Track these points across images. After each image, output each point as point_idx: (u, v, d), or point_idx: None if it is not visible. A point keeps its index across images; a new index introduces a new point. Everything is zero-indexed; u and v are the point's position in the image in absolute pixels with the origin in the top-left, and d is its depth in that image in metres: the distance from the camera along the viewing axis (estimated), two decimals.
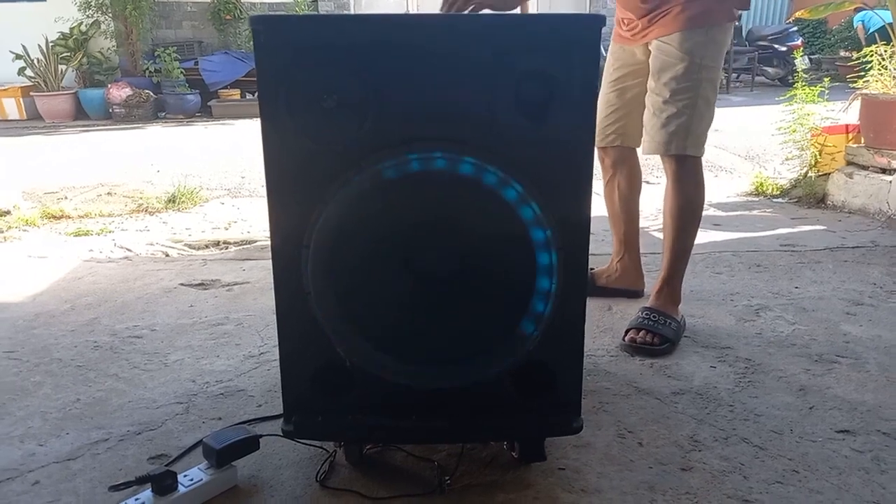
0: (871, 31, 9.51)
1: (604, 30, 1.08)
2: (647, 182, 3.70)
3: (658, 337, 1.83)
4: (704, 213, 2.98)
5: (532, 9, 9.33)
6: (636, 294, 2.20)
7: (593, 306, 2.09)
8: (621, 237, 2.19)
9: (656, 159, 1.92)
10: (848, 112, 3.63)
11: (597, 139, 2.06)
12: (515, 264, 1.14)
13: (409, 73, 1.09)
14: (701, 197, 1.92)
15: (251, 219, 3.47)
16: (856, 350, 1.82)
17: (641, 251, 2.23)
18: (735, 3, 1.81)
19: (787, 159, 3.90)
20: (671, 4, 1.79)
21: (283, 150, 1.11)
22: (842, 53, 9.92)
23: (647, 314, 1.88)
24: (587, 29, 1.07)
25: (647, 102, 1.89)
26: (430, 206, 1.13)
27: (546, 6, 9.46)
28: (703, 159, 1.91)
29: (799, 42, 9.86)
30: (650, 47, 1.87)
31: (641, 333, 1.84)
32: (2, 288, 2.39)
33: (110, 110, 7.86)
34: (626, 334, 1.87)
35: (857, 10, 9.06)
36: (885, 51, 3.40)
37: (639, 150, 2.06)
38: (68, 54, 8.18)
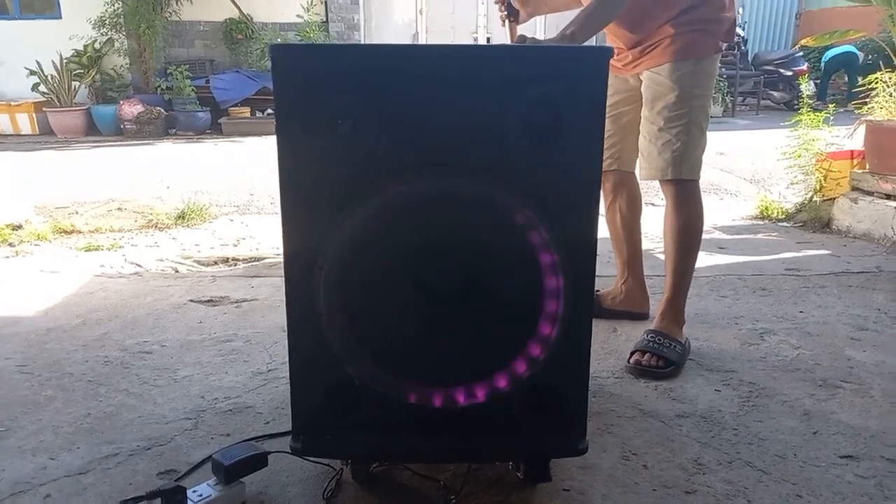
0: (828, 57, 9.69)
1: None
2: (653, 204, 3.73)
3: (662, 360, 1.84)
4: (709, 236, 3.01)
5: (539, 32, 9.45)
6: (641, 316, 2.21)
7: (598, 328, 2.10)
8: (625, 260, 2.21)
9: (657, 182, 1.97)
10: (853, 138, 3.66)
11: None
12: (523, 287, 1.17)
13: (422, 99, 1.12)
14: (700, 219, 1.95)
15: (259, 236, 3.50)
16: (860, 375, 1.83)
17: (646, 273, 2.26)
18: (720, 36, 1.88)
19: (792, 183, 3.93)
20: (660, 37, 1.85)
21: (298, 172, 1.14)
22: (846, 79, 9.99)
23: (651, 337, 1.90)
24: (595, 60, 1.10)
25: (643, 130, 1.94)
26: (441, 230, 1.15)
27: (553, 30, 9.56)
28: (709, 182, 1.97)
29: (804, 67, 9.93)
30: (641, 77, 1.93)
31: (646, 356, 1.85)
32: (14, 302, 2.43)
33: (122, 126, 7.95)
34: (630, 356, 1.88)
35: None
36: (890, 78, 3.43)
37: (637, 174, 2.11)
38: (81, 71, 8.30)
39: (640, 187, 2.19)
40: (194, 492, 1.22)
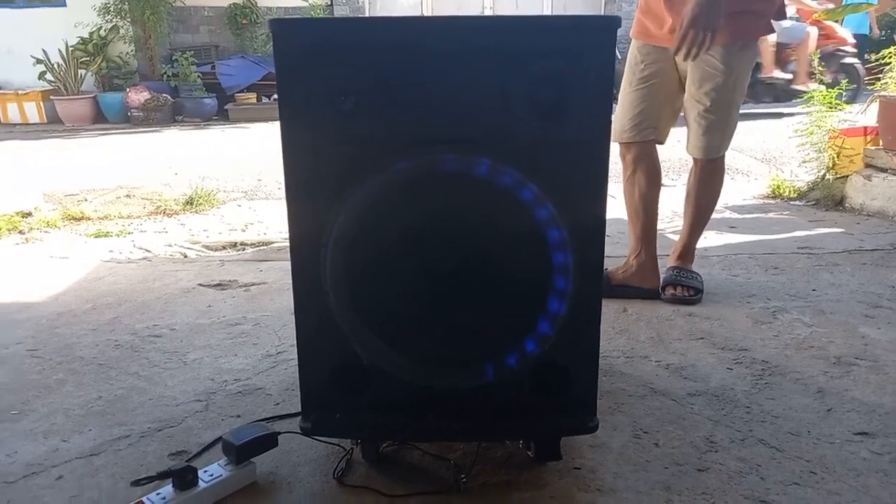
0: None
1: (619, 32, 1.09)
2: (664, 185, 3.69)
3: (691, 289, 2.16)
4: (720, 215, 3.03)
5: (546, 10, 9.34)
6: (651, 294, 2.19)
7: (609, 308, 2.09)
8: (639, 234, 2.20)
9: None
10: (866, 114, 3.60)
11: (623, 135, 2.12)
12: (530, 264, 1.15)
13: (425, 75, 1.10)
14: (721, 184, 2.19)
15: (267, 221, 3.50)
16: (874, 352, 1.80)
17: (658, 252, 2.24)
18: (772, 15, 1.88)
19: (804, 162, 3.87)
20: None
21: (301, 151, 1.13)
22: None
23: (676, 272, 2.19)
24: (603, 31, 1.08)
25: (687, 107, 2.03)
26: (446, 207, 1.14)
27: (560, 8, 9.46)
28: None
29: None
30: None
31: (679, 289, 2.15)
32: (25, 288, 2.44)
33: (129, 114, 7.97)
34: (664, 290, 2.18)
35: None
36: None
37: (658, 148, 2.18)
38: (87, 59, 8.30)
39: (659, 162, 2.18)
40: (205, 472, 1.23)
